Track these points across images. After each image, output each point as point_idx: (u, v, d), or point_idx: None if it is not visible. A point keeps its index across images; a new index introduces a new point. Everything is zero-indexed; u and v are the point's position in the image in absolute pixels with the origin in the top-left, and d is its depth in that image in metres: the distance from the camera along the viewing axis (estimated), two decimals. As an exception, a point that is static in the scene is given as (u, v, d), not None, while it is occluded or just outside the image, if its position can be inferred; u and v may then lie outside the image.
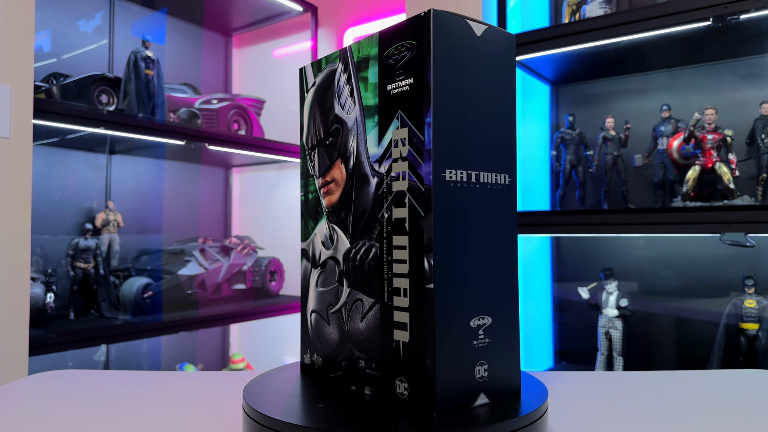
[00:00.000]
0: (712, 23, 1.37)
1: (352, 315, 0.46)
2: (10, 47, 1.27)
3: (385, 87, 0.43)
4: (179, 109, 1.93)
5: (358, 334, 0.45)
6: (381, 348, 0.43)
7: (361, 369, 0.45)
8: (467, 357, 0.41)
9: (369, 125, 0.45)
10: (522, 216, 1.64)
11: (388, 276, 0.43)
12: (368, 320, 0.44)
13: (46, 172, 1.81)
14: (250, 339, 2.40)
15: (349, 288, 0.46)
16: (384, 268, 0.43)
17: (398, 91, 0.42)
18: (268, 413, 0.40)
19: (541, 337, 1.86)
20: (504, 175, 0.43)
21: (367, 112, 0.45)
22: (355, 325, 0.46)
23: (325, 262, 0.49)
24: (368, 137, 0.45)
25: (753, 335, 1.42)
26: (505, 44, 0.44)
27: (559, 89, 1.91)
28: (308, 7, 2.28)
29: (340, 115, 0.48)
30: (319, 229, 0.50)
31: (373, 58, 0.44)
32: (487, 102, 0.43)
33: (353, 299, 0.46)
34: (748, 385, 0.62)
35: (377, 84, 0.44)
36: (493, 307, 0.42)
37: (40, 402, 0.57)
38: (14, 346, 1.27)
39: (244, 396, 0.45)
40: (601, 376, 0.67)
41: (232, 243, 2.12)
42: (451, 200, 0.40)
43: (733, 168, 1.45)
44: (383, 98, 0.43)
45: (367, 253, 0.45)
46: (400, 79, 0.42)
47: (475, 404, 0.41)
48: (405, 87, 0.42)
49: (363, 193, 0.45)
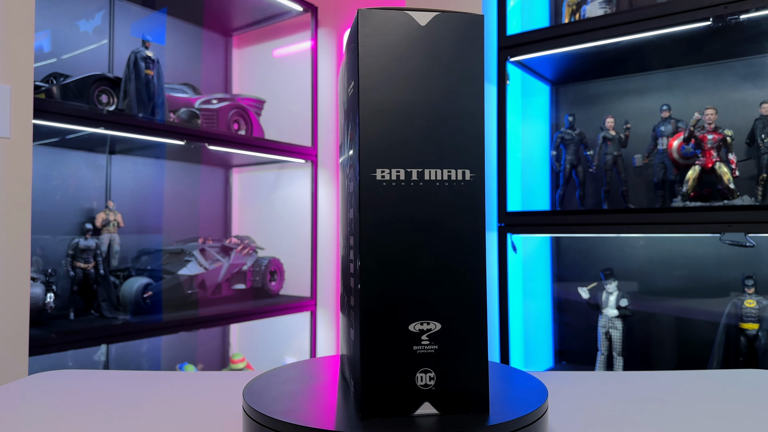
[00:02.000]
0: (712, 23, 1.37)
1: None
2: (10, 47, 1.27)
3: (347, 91, 0.45)
4: (179, 109, 1.93)
5: None
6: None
7: None
8: (405, 362, 0.39)
9: None
10: (522, 216, 1.64)
11: (353, 277, 0.43)
12: None
13: (46, 172, 1.81)
14: (250, 339, 2.40)
15: None
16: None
17: (351, 94, 0.43)
18: (268, 413, 0.40)
19: (541, 337, 1.86)
20: (463, 171, 0.40)
21: None
22: None
23: None
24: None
25: (753, 335, 1.42)
26: (463, 29, 0.41)
27: (559, 89, 1.91)
28: (308, 7, 2.27)
29: None
30: None
31: None
32: (439, 94, 0.40)
33: None
34: (748, 385, 0.62)
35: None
36: (443, 313, 0.40)
37: (40, 402, 0.57)
38: (14, 346, 1.27)
39: (244, 396, 0.45)
40: (601, 376, 0.67)
41: (232, 243, 2.12)
42: (384, 200, 0.39)
43: (733, 168, 1.45)
44: (348, 102, 0.44)
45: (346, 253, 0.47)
46: (351, 84, 0.43)
47: (416, 412, 0.39)
48: (351, 90, 0.42)
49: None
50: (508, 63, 1.66)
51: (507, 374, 0.51)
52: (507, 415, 0.40)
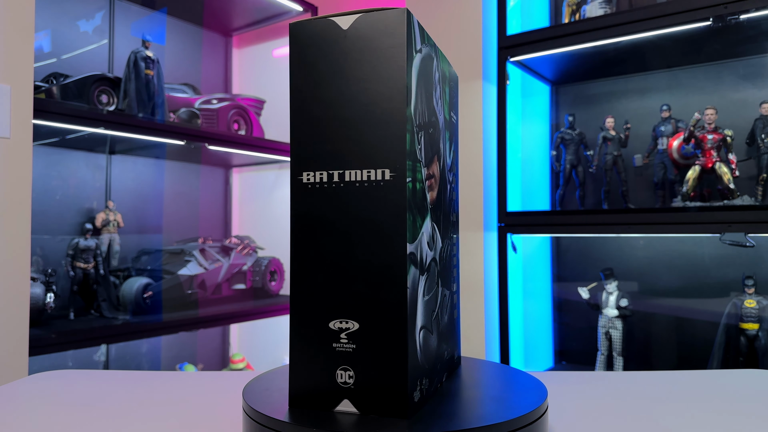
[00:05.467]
0: (712, 23, 1.37)
1: (443, 312, 0.49)
2: (10, 47, 1.27)
3: (450, 111, 0.52)
4: (179, 109, 1.93)
5: (445, 328, 0.49)
6: (454, 330, 0.51)
7: (447, 361, 0.48)
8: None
9: (445, 136, 0.50)
10: (522, 216, 1.64)
11: (455, 267, 0.52)
12: (449, 310, 0.51)
13: (46, 172, 1.81)
14: (250, 339, 2.40)
15: (442, 287, 0.49)
16: (452, 261, 0.51)
17: (452, 120, 0.52)
18: (268, 413, 0.40)
19: (541, 337, 1.86)
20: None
21: (445, 123, 0.49)
22: (443, 321, 0.49)
23: (429, 266, 0.45)
24: (446, 147, 0.50)
25: (753, 335, 1.42)
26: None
27: (559, 89, 1.91)
28: (308, 7, 2.28)
29: (436, 111, 0.47)
30: (426, 228, 0.44)
31: (449, 78, 0.51)
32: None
33: (445, 296, 0.49)
34: (748, 385, 0.62)
35: (448, 103, 0.51)
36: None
37: (40, 402, 0.57)
38: (14, 346, 1.27)
39: (244, 396, 0.45)
40: (601, 376, 0.67)
41: (232, 243, 2.12)
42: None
43: (733, 168, 1.45)
44: (449, 119, 0.51)
45: (448, 250, 0.50)
46: (454, 112, 0.52)
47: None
48: (454, 120, 0.52)
49: (447, 196, 0.50)
50: (508, 63, 1.66)
51: (507, 374, 0.51)
52: (506, 415, 0.40)
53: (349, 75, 0.40)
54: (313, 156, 0.41)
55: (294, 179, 0.42)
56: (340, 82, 0.41)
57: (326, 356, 0.41)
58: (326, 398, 0.41)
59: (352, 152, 0.40)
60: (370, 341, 0.40)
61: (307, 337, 0.41)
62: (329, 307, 0.40)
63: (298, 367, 0.41)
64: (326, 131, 0.41)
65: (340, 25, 0.41)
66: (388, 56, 0.40)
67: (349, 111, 0.41)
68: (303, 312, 0.41)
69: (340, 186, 0.41)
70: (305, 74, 0.41)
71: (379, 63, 0.40)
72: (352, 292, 0.40)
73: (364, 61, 0.40)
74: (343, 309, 0.40)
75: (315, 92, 0.41)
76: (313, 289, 0.41)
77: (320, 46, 0.41)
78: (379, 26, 0.40)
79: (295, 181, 0.42)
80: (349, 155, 0.40)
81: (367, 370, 0.40)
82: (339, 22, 0.41)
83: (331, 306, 0.40)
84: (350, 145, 0.40)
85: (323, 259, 0.41)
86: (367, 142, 0.40)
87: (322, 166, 0.41)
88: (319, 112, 0.41)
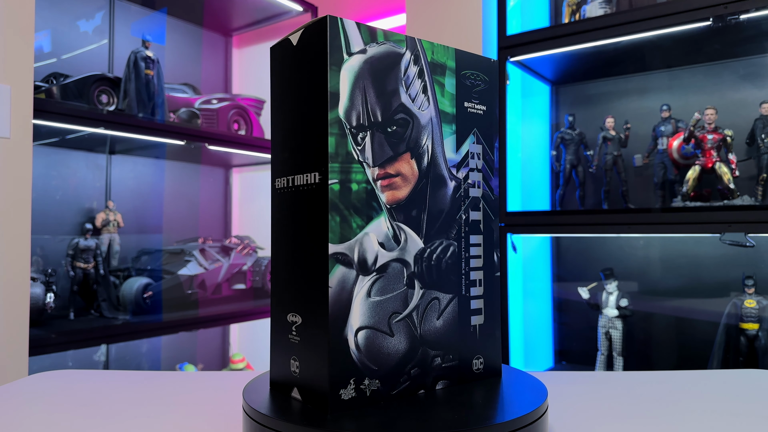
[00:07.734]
0: (712, 23, 1.37)
1: (427, 316, 0.46)
2: (10, 47, 1.27)
3: (463, 103, 0.49)
4: (179, 109, 1.93)
5: (433, 333, 0.46)
6: (460, 336, 0.48)
7: (436, 367, 0.46)
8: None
9: (446, 131, 0.48)
10: (522, 216, 1.64)
11: (466, 270, 0.48)
12: (446, 315, 0.47)
13: (46, 172, 1.81)
14: (250, 339, 2.40)
15: (423, 289, 0.46)
16: (462, 264, 0.48)
17: (474, 111, 0.50)
18: (268, 413, 0.40)
19: (541, 337, 1.86)
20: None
21: (444, 118, 0.48)
22: (430, 325, 0.46)
23: (385, 266, 0.44)
24: (446, 142, 0.48)
25: (753, 335, 1.42)
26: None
27: (559, 89, 1.91)
28: (308, 7, 2.28)
29: (410, 107, 0.46)
30: (374, 228, 0.44)
31: (450, 70, 0.49)
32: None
33: (428, 299, 0.46)
34: (748, 385, 0.62)
35: (455, 96, 0.49)
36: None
37: (40, 402, 0.57)
38: (14, 346, 1.27)
39: (244, 396, 0.45)
40: (601, 376, 0.67)
41: (232, 243, 2.12)
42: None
43: (733, 168, 1.45)
44: (460, 112, 0.49)
45: (445, 251, 0.47)
46: (476, 102, 0.50)
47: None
48: (479, 110, 0.50)
49: (440, 194, 0.48)
50: (508, 63, 1.66)
51: (507, 374, 0.51)
52: (507, 415, 0.40)
53: (299, 86, 0.44)
54: (279, 163, 0.46)
55: (272, 186, 0.47)
56: (293, 93, 0.45)
57: (283, 346, 0.45)
58: (284, 384, 0.45)
59: (296, 158, 0.44)
60: (308, 335, 0.43)
61: (275, 328, 0.46)
62: (286, 301, 0.45)
63: (274, 354, 0.46)
64: (283, 140, 0.46)
65: (292, 41, 0.45)
66: (315, 63, 0.42)
67: (294, 120, 0.44)
68: (274, 305, 0.47)
69: (292, 190, 0.44)
70: (276, 89, 0.47)
71: (312, 71, 0.43)
72: (296, 289, 0.44)
73: (305, 71, 0.43)
74: (293, 304, 0.44)
75: (281, 105, 0.46)
76: (278, 285, 0.46)
77: (284, 62, 0.45)
78: (312, 38, 0.43)
79: (272, 187, 0.47)
80: (297, 161, 0.44)
81: (306, 363, 0.43)
82: (292, 39, 0.45)
83: (287, 300, 0.45)
84: (295, 151, 0.44)
85: (283, 257, 0.45)
86: (303, 147, 0.43)
87: (284, 173, 0.45)
88: (282, 122, 0.46)
